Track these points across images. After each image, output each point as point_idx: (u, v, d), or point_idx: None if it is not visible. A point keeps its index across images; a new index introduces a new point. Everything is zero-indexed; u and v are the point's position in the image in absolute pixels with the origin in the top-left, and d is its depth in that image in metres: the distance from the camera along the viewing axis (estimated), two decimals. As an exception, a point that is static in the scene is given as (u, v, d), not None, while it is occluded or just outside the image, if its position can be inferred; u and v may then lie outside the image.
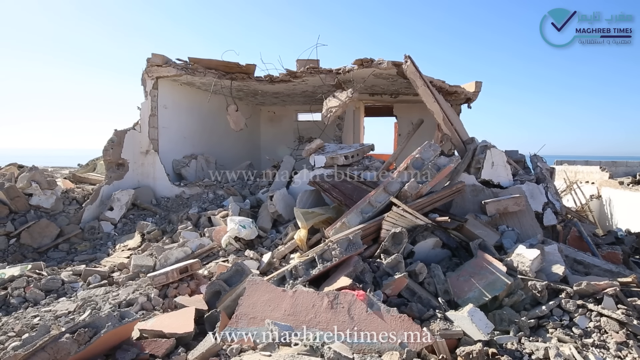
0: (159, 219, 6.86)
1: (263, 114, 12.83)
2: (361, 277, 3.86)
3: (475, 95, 8.83)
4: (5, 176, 7.22)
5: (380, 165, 6.79)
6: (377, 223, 4.67)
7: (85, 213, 6.82)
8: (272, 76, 8.12)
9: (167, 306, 3.95)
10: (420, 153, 5.47)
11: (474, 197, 5.95)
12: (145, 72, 7.78)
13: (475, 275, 4.14)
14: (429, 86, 6.76)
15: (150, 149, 7.85)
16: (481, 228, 5.07)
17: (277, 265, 4.92)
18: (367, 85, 8.65)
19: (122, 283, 4.65)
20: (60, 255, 6.03)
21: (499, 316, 3.66)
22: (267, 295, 3.41)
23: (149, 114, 7.84)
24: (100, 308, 3.88)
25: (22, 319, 3.79)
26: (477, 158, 6.34)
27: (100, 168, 10.07)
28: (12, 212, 6.49)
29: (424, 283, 4.11)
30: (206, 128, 9.60)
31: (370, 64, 6.95)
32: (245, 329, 3.20)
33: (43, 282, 4.57)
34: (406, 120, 11.53)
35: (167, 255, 5.03)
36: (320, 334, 3.06)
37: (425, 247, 4.72)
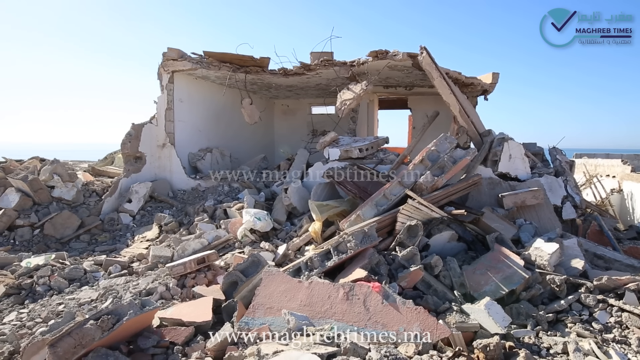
0: (176, 211, 6.98)
1: (277, 107, 12.86)
2: (376, 269, 3.87)
3: (492, 87, 8.67)
4: (28, 169, 7.44)
5: (394, 158, 6.75)
6: (392, 216, 4.66)
7: (105, 205, 6.99)
8: (286, 69, 8.12)
9: (186, 295, 4.04)
10: (436, 145, 5.42)
11: (491, 190, 5.88)
12: (162, 66, 7.87)
13: (492, 269, 4.10)
14: (445, 78, 6.66)
15: (167, 142, 7.97)
16: (498, 221, 5.01)
17: (292, 257, 4.97)
18: (381, 78, 8.58)
19: (141, 273, 4.76)
20: (81, 246, 6.20)
21: (516, 310, 3.63)
22: (283, 285, 3.45)
23: (165, 107, 7.94)
24: (121, 297, 3.99)
25: (48, 306, 3.93)
26: (494, 151, 6.24)
27: (118, 161, 10.28)
28: (36, 203, 6.69)
29: (439, 276, 4.10)
30: (221, 121, 9.68)
31: (385, 55, 6.89)
32: (262, 319, 3.25)
33: (66, 271, 4.71)
34: (421, 113, 11.41)
35: (185, 247, 5.13)
36: (336, 324, 3.09)
37: (440, 240, 4.69)
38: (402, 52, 6.76)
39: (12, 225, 6.27)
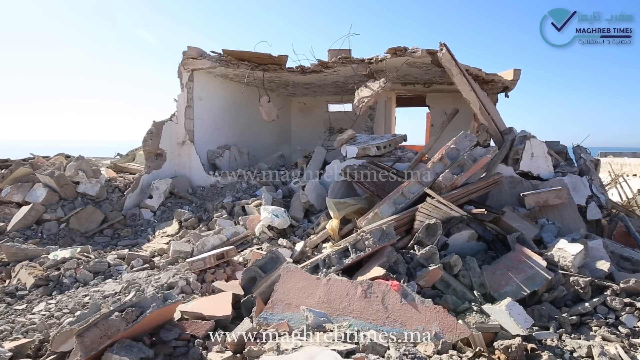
0: (195, 207, 7.10)
1: (294, 105, 12.90)
2: (394, 268, 3.85)
3: (513, 84, 8.49)
4: (54, 165, 7.69)
5: (412, 156, 6.69)
6: (410, 214, 4.63)
7: (127, 201, 7.16)
8: (304, 67, 8.14)
9: (205, 290, 4.11)
10: (455, 143, 5.35)
11: (512, 189, 5.77)
12: (182, 65, 8.00)
13: (513, 269, 4.03)
14: (465, 75, 6.55)
15: (187, 139, 8.10)
16: (519, 221, 4.91)
17: (309, 254, 4.99)
18: (399, 75, 8.50)
19: (162, 267, 4.87)
20: (104, 240, 6.38)
21: (538, 311, 3.56)
22: (301, 282, 3.47)
23: (185, 105, 8.07)
24: (144, 290, 4.09)
25: (74, 297, 4.07)
26: (516, 149, 6.11)
27: (139, 158, 10.52)
28: (62, 198, 6.91)
29: (458, 275, 4.05)
30: (239, 119, 9.78)
31: (403, 52, 6.82)
32: (280, 314, 3.28)
33: (91, 265, 4.86)
34: (439, 110, 11.26)
35: (204, 242, 5.21)
36: (354, 322, 3.09)
37: (459, 240, 4.64)
38: (421, 48, 6.68)
39: (40, 219, 6.50)
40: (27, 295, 4.31)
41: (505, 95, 9.01)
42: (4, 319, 3.76)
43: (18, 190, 7.00)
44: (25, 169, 7.37)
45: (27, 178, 7.25)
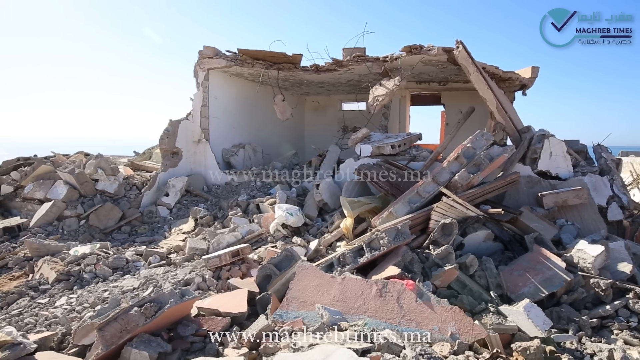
0: (210, 205, 7.18)
1: (308, 103, 12.92)
2: (410, 267, 3.84)
3: (531, 82, 8.33)
4: (74, 163, 7.88)
5: (428, 155, 6.63)
6: (425, 213, 4.59)
7: (144, 198, 7.29)
8: (318, 65, 8.14)
9: (221, 287, 4.17)
10: (471, 142, 5.28)
11: (530, 189, 5.67)
12: (197, 64, 8.09)
13: (531, 270, 3.96)
14: (482, 72, 6.46)
15: (202, 138, 8.20)
16: (537, 221, 4.83)
17: (323, 252, 5.00)
18: (414, 73, 8.42)
19: (179, 264, 4.95)
20: (122, 237, 6.51)
21: (556, 314, 3.50)
22: (316, 280, 3.49)
23: (200, 104, 8.17)
24: (161, 286, 4.16)
25: (94, 292, 4.17)
26: (534, 148, 6.00)
27: (156, 156, 10.70)
28: (82, 196, 7.08)
29: (474, 276, 4.01)
30: (253, 118, 9.85)
31: (419, 50, 6.76)
32: (295, 312, 3.30)
33: (110, 260, 4.98)
34: (454, 109, 11.14)
35: (219, 240, 5.28)
36: (369, 320, 3.09)
37: (476, 240, 4.58)
38: (437, 46, 6.60)
39: (60, 216, 6.67)
40: (50, 290, 4.44)
41: (523, 94, 8.85)
42: (28, 312, 3.88)
43: (40, 187, 7.20)
44: (46, 167, 7.57)
45: (49, 175, 7.46)
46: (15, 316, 3.81)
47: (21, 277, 4.95)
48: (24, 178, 7.59)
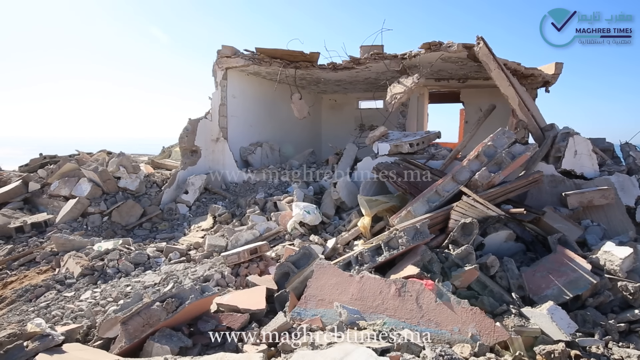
0: (228, 203, 7.26)
1: (324, 102, 12.92)
2: (429, 267, 3.79)
3: (554, 78, 8.10)
4: (98, 161, 8.10)
5: (447, 154, 6.54)
6: (445, 213, 4.53)
7: (164, 196, 7.43)
8: (335, 63, 8.12)
9: (239, 284, 4.21)
10: (492, 140, 5.18)
11: (553, 189, 5.53)
12: (216, 64, 8.19)
13: (554, 272, 3.86)
14: (503, 69, 6.33)
15: (220, 136, 8.30)
16: (561, 222, 4.70)
17: (341, 251, 5.00)
18: (433, 70, 8.31)
19: (198, 260, 5.03)
20: (143, 233, 6.66)
21: (581, 317, 3.40)
22: (334, 279, 3.49)
23: (219, 103, 8.26)
24: (181, 282, 4.24)
25: (117, 287, 4.28)
26: (557, 146, 5.84)
27: (175, 155, 10.88)
28: (104, 193, 7.27)
29: (495, 277, 3.94)
30: (270, 116, 9.91)
31: (438, 47, 6.66)
32: (313, 310, 3.31)
33: (132, 256, 5.09)
34: (474, 107, 10.94)
35: (238, 237, 5.33)
36: (388, 320, 3.07)
37: (496, 240, 4.50)
38: (457, 43, 6.49)
39: (85, 212, 6.87)
40: (75, 284, 4.58)
41: (546, 90, 8.62)
42: (55, 304, 4.01)
43: (65, 184, 7.43)
44: (71, 165, 7.80)
45: (73, 173, 7.68)
46: (44, 308, 3.95)
47: (48, 271, 5.12)
48: (50, 176, 7.84)
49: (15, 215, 6.86)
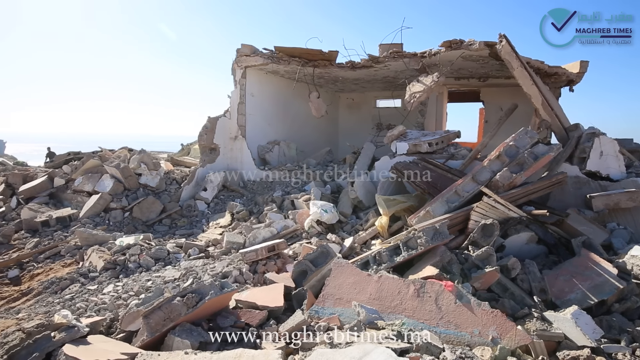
0: (246, 201, 7.33)
1: (342, 100, 12.89)
2: (448, 268, 3.74)
3: (579, 77, 7.88)
4: (120, 158, 8.29)
5: (466, 154, 6.44)
6: (464, 213, 4.47)
7: (184, 192, 7.56)
8: (354, 62, 8.09)
9: (257, 281, 4.25)
10: (514, 140, 5.07)
11: (577, 190, 5.38)
12: (235, 62, 8.27)
13: (578, 276, 3.76)
14: (526, 67, 6.18)
15: (239, 134, 8.38)
16: (586, 224, 4.57)
17: (358, 250, 4.99)
18: (453, 69, 8.19)
19: (217, 257, 5.09)
20: (163, 229, 6.79)
21: (607, 323, 3.30)
22: (352, 278, 3.48)
23: (237, 101, 8.35)
24: (200, 277, 4.31)
25: (139, 281, 4.38)
26: (582, 147, 5.68)
27: (194, 152, 11.05)
28: (126, 189, 7.44)
29: (516, 279, 3.85)
30: (287, 115, 9.95)
31: (459, 45, 6.56)
32: (331, 309, 3.31)
33: (152, 251, 5.20)
34: (494, 106, 10.74)
35: (255, 234, 5.38)
36: (406, 320, 3.05)
37: (518, 242, 4.41)
38: (479, 41, 6.38)
39: (107, 208, 7.05)
40: (98, 277, 4.71)
41: (570, 89, 8.39)
42: (79, 297, 4.14)
43: (89, 180, 7.64)
44: (94, 161, 8.02)
45: (96, 169, 7.89)
46: (68, 300, 4.07)
47: (72, 264, 5.28)
48: (74, 171, 8.08)
49: (41, 209, 7.10)
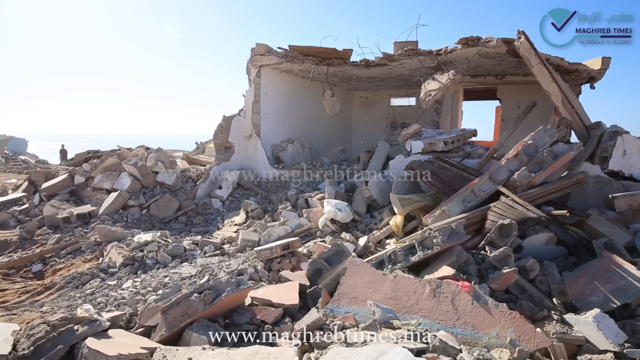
0: (260, 199, 7.38)
1: (355, 99, 12.85)
2: (464, 268, 3.70)
3: (601, 74, 7.67)
4: (137, 156, 8.44)
5: (483, 152, 6.35)
6: (481, 213, 4.41)
7: (199, 190, 7.65)
8: (368, 60, 8.05)
9: (272, 278, 4.28)
10: (533, 139, 4.97)
11: (598, 190, 5.25)
12: (250, 62, 8.31)
13: (600, 278, 3.67)
14: (546, 64, 6.05)
15: (253, 133, 8.43)
16: (608, 225, 4.46)
17: (372, 249, 4.97)
18: (469, 67, 8.07)
19: (232, 254, 5.15)
20: (179, 226, 6.88)
21: (630, 327, 3.21)
22: (367, 277, 3.47)
23: (252, 100, 8.40)
24: (216, 274, 4.36)
25: (156, 277, 4.46)
26: (604, 145, 5.54)
27: (209, 151, 11.17)
28: (143, 187, 7.57)
29: (535, 281, 3.79)
30: (301, 114, 9.97)
31: (476, 42, 6.46)
32: (346, 307, 3.31)
33: (169, 248, 5.29)
34: (512, 104, 10.55)
35: (270, 232, 5.41)
36: (422, 320, 3.03)
37: (536, 242, 4.32)
38: (497, 38, 6.27)
39: (125, 205, 7.19)
40: (117, 273, 4.81)
41: (591, 87, 8.18)
42: (99, 292, 4.24)
43: (107, 178, 7.80)
44: (113, 160, 8.18)
45: (115, 167, 8.05)
46: (89, 295, 4.18)
47: (93, 259, 5.41)
48: (93, 169, 8.26)
49: (62, 206, 7.28)
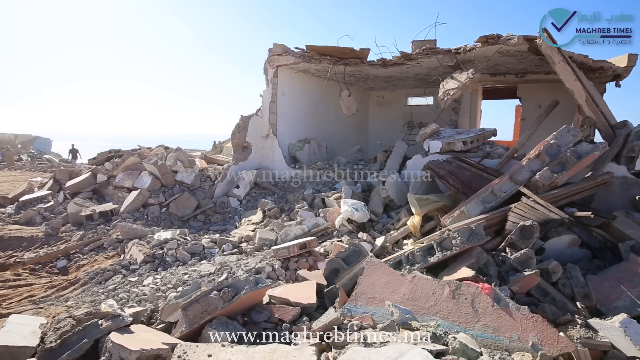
0: (277, 198, 7.43)
1: (372, 98, 12.79)
2: (484, 270, 3.64)
3: (627, 71, 7.46)
4: (157, 155, 8.61)
5: (503, 152, 6.23)
6: (501, 214, 4.33)
7: (217, 189, 7.75)
8: (385, 59, 8.00)
9: (289, 277, 4.30)
10: (556, 139, 4.85)
11: (625, 192, 5.09)
12: (267, 62, 8.38)
13: (627, 282, 3.56)
14: (569, 62, 5.90)
15: (270, 133, 8.50)
16: (634, 228, 4.32)
17: (390, 249, 4.94)
18: (489, 65, 7.93)
19: (249, 253, 5.20)
20: (198, 225, 6.99)
21: (658, 333, 3.10)
22: (385, 277, 3.46)
23: (269, 100, 8.46)
24: (234, 273, 4.41)
25: (176, 274, 4.54)
26: (631, 145, 5.36)
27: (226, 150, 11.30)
28: (163, 185, 7.73)
29: (557, 284, 3.70)
30: (318, 113, 9.98)
31: (496, 40, 6.34)
32: (364, 307, 3.31)
33: (189, 246, 5.38)
34: (532, 103, 10.33)
35: (287, 232, 5.44)
36: (441, 322, 3.00)
37: (559, 245, 4.22)
38: (518, 35, 6.14)
39: (145, 203, 7.35)
40: (138, 269, 4.92)
41: (616, 85, 7.94)
42: (121, 288, 4.34)
43: (128, 177, 7.99)
44: (134, 159, 8.37)
45: (136, 166, 8.24)
46: (112, 291, 4.29)
47: (115, 256, 5.55)
48: (115, 168, 8.47)
49: (85, 204, 7.49)
